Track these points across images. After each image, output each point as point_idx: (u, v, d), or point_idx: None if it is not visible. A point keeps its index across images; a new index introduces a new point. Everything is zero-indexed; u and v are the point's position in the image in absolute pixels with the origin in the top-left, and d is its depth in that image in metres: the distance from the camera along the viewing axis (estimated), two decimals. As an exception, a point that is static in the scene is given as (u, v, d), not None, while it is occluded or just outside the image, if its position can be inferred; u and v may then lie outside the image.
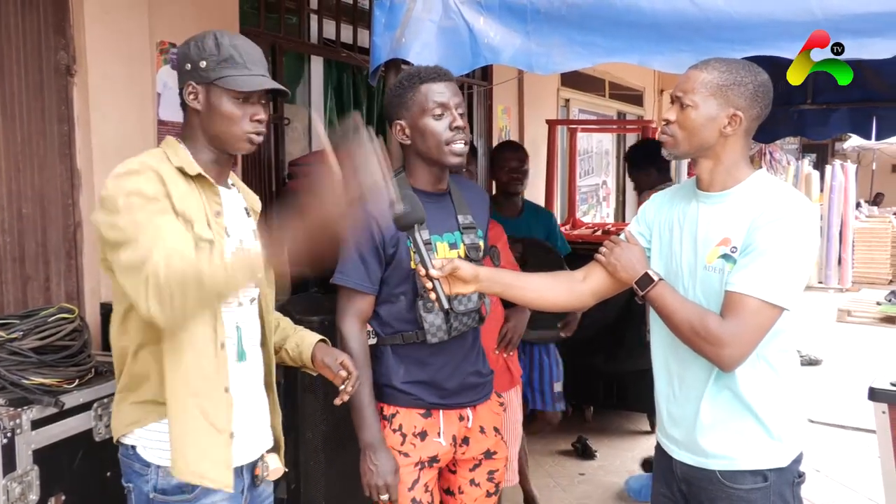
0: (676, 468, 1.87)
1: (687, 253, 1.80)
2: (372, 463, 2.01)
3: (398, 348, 2.08)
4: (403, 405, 2.08)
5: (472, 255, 2.09)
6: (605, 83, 8.25)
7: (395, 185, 1.55)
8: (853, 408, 4.67)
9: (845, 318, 8.68)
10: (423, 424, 2.09)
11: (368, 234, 1.98)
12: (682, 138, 1.75)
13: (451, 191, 2.15)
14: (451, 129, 1.98)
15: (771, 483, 1.75)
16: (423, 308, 2.02)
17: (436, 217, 2.04)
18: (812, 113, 4.76)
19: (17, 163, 2.69)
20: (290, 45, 4.20)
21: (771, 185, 1.75)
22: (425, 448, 2.09)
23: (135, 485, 1.67)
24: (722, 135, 1.72)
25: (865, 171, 15.90)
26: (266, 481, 1.83)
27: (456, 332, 2.07)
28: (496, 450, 2.23)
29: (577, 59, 2.04)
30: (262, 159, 3.93)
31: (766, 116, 1.76)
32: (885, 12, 1.73)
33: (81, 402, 2.13)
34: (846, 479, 4.20)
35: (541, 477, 4.07)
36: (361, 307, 2.03)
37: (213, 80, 1.64)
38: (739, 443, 1.76)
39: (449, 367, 2.10)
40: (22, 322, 2.13)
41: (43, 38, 2.75)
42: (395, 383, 2.08)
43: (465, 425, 2.17)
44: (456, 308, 2.03)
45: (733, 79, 1.70)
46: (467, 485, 2.22)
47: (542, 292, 1.97)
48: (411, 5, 2.16)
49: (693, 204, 1.81)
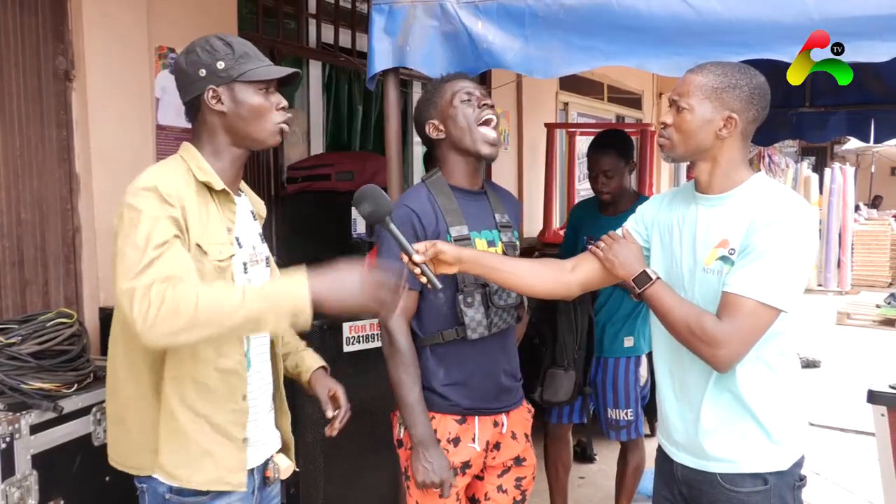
0: (677, 471, 1.88)
1: (686, 255, 1.80)
2: (426, 461, 2.00)
3: (437, 348, 2.09)
4: (440, 411, 2.09)
5: (510, 252, 2.13)
6: (604, 87, 8.26)
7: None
8: (853, 410, 4.66)
9: (845, 321, 8.68)
10: (457, 430, 2.09)
11: (411, 230, 2.01)
12: (678, 141, 1.76)
13: (487, 191, 2.19)
14: (480, 107, 2.04)
15: (771, 486, 1.75)
16: (463, 303, 2.04)
17: (474, 214, 2.09)
18: (810, 116, 4.76)
19: (15, 168, 2.69)
20: (289, 49, 4.20)
21: (770, 188, 1.76)
22: (458, 454, 2.09)
23: (148, 486, 1.66)
24: (718, 137, 1.73)
25: (864, 173, 15.92)
26: (275, 481, 1.85)
27: (496, 328, 2.09)
28: (525, 456, 2.23)
29: (575, 63, 2.04)
30: (261, 163, 3.93)
31: (763, 119, 1.76)
32: (883, 15, 1.73)
33: (80, 406, 2.13)
34: (846, 482, 4.19)
35: (541, 480, 4.06)
36: (406, 303, 2.03)
37: (236, 77, 1.65)
38: (740, 446, 1.76)
39: (487, 366, 2.12)
40: (20, 327, 2.12)
41: (41, 43, 2.75)
42: (435, 386, 2.08)
43: (500, 431, 2.17)
44: (496, 303, 2.06)
45: (728, 81, 1.71)
46: (494, 491, 2.21)
47: (526, 277, 1.95)
48: (412, 11, 2.15)
49: (692, 206, 1.82)
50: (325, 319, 2.88)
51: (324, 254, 3.46)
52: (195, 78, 1.66)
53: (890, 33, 1.73)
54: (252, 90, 1.67)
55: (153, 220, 1.51)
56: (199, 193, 1.64)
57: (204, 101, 1.67)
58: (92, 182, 2.85)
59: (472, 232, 2.08)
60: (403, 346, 2.03)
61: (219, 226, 1.66)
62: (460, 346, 2.08)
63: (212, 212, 1.66)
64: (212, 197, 1.67)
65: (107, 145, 2.89)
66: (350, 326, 2.89)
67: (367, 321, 2.97)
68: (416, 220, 2.03)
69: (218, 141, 1.70)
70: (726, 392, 1.76)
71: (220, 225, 1.66)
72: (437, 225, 2.05)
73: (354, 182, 3.62)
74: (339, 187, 3.65)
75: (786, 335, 1.76)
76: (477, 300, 2.04)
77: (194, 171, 1.65)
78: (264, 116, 1.69)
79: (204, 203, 1.64)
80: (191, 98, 1.69)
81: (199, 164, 1.67)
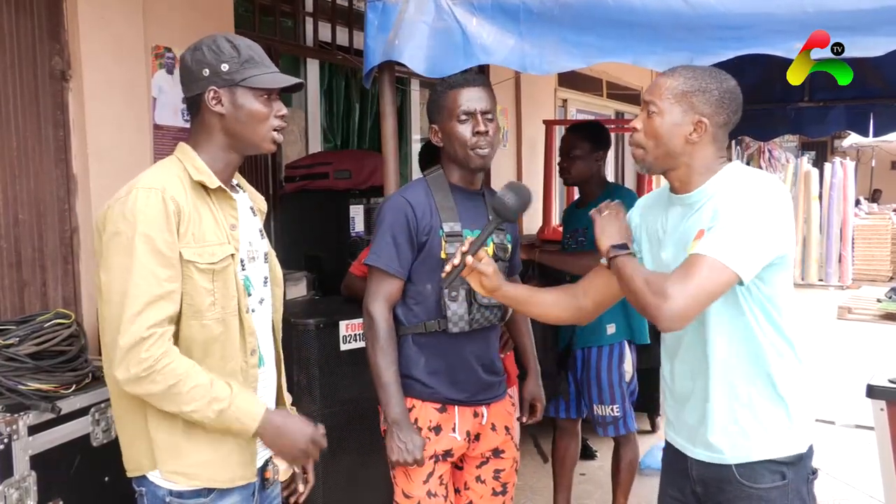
0: (692, 469, 1.84)
1: (671, 257, 1.79)
2: (399, 440, 2.05)
3: (419, 337, 2.14)
4: (420, 398, 2.13)
5: (500, 254, 2.18)
6: (603, 83, 8.24)
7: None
8: (854, 405, 4.66)
9: (846, 316, 8.67)
10: (438, 419, 2.13)
11: (404, 220, 2.08)
12: (650, 147, 1.75)
13: (485, 193, 2.24)
14: (475, 135, 2.09)
15: (789, 481, 1.74)
16: (447, 296, 2.08)
17: (469, 212, 2.15)
18: (809, 110, 4.76)
19: (12, 168, 2.69)
20: (286, 48, 4.20)
21: (738, 172, 1.74)
22: (440, 442, 2.13)
23: (148, 489, 1.66)
24: (688, 142, 1.71)
25: (865, 168, 15.89)
26: (275, 483, 1.86)
27: (477, 324, 2.14)
28: (504, 448, 2.26)
29: (570, 59, 2.04)
30: (259, 163, 3.93)
31: (735, 123, 1.75)
32: (877, 9, 1.73)
33: (78, 406, 2.13)
34: (847, 476, 4.19)
35: (541, 477, 4.07)
36: (390, 290, 2.10)
37: (239, 81, 1.66)
38: (755, 428, 1.74)
39: (466, 360, 2.16)
40: (18, 327, 2.13)
41: (37, 43, 2.75)
42: (415, 374, 2.13)
43: (480, 422, 2.21)
44: (479, 300, 2.10)
45: (698, 85, 1.70)
46: (473, 481, 2.25)
47: (548, 308, 2.03)
48: (404, 7, 2.16)
49: (671, 209, 1.82)
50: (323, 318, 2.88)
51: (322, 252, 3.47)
52: (198, 76, 1.67)
53: (885, 27, 1.73)
54: (253, 96, 1.67)
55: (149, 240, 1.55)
56: (196, 194, 1.65)
57: (204, 101, 1.67)
58: (89, 182, 2.84)
59: (464, 229, 2.11)
60: (383, 330, 2.08)
61: (215, 226, 1.66)
62: (441, 338, 2.13)
63: (207, 212, 1.66)
64: (208, 196, 1.67)
65: (104, 145, 2.88)
66: (346, 325, 2.89)
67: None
68: (411, 210, 2.09)
69: (214, 141, 1.70)
70: (732, 380, 1.74)
71: (216, 225, 1.66)
72: (431, 219, 2.10)
73: (352, 180, 3.62)
74: (337, 186, 3.65)
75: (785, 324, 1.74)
76: (461, 296, 2.09)
77: (189, 171, 1.66)
78: (262, 123, 1.69)
79: (201, 204, 1.65)
80: (192, 95, 1.70)
81: (195, 163, 1.68)
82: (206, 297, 1.61)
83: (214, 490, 1.65)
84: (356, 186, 3.57)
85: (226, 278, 1.65)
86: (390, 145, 2.38)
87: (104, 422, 2.17)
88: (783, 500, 1.74)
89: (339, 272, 3.28)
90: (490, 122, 2.11)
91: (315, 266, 3.47)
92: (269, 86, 1.68)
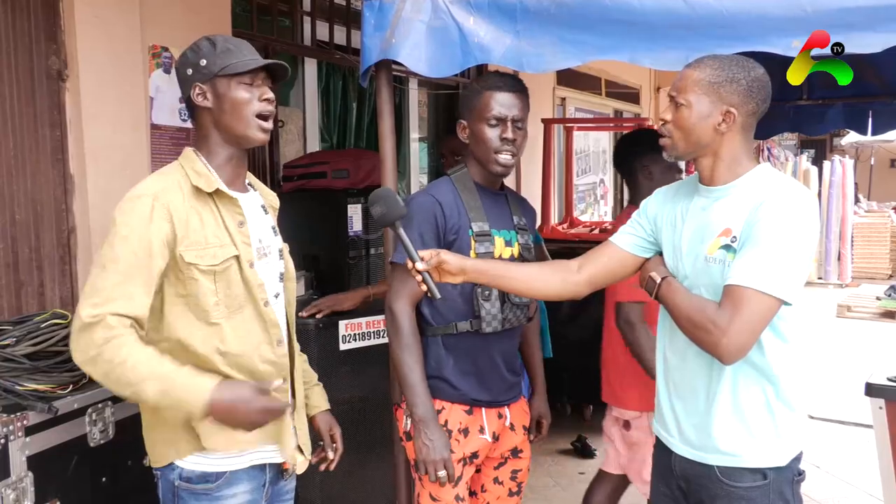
0: (675, 464, 1.87)
1: (689, 247, 1.79)
2: (427, 438, 2.03)
3: (448, 339, 2.13)
4: (450, 400, 2.12)
5: (525, 254, 2.19)
6: (602, 81, 8.24)
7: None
8: (853, 403, 4.66)
9: (845, 314, 8.68)
10: (466, 421, 2.13)
11: (432, 218, 2.07)
12: (678, 138, 1.76)
13: (507, 194, 2.25)
14: (501, 141, 2.10)
15: (770, 481, 1.74)
16: (481, 296, 2.08)
17: (494, 213, 2.16)
18: (808, 109, 4.74)
19: (9, 168, 2.68)
20: (283, 47, 4.19)
21: (772, 177, 1.74)
22: (468, 444, 2.13)
23: (162, 472, 1.72)
24: (717, 132, 1.72)
25: (864, 166, 15.88)
26: (291, 476, 1.88)
27: (509, 324, 2.14)
28: (522, 448, 2.28)
29: (567, 57, 2.03)
30: (257, 162, 3.92)
31: (764, 111, 1.75)
32: (874, 6, 1.72)
33: (76, 407, 2.12)
34: (845, 474, 4.19)
35: (540, 476, 4.06)
36: (415, 288, 2.03)
37: (216, 72, 1.69)
38: (745, 439, 1.75)
39: (494, 360, 2.16)
40: (15, 328, 2.13)
41: (34, 43, 2.74)
42: (445, 375, 2.12)
43: (503, 423, 2.21)
44: (512, 299, 2.12)
45: (725, 76, 1.70)
46: (491, 483, 2.25)
47: (532, 282, 1.94)
48: (401, 6, 2.15)
49: (695, 199, 1.81)
50: (322, 318, 2.88)
51: (320, 252, 3.46)
52: (184, 77, 1.72)
53: (882, 24, 1.72)
54: (233, 83, 1.70)
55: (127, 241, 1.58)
56: (196, 198, 1.67)
57: (192, 99, 1.71)
58: (86, 182, 2.84)
59: (492, 229, 2.12)
60: (406, 329, 2.06)
61: (216, 228, 1.68)
62: (472, 339, 2.12)
63: (209, 215, 1.68)
64: (210, 199, 1.69)
65: (101, 145, 2.88)
66: (346, 324, 2.89)
67: (363, 319, 2.97)
68: (440, 210, 2.08)
69: (210, 138, 1.74)
70: (727, 384, 1.74)
71: (218, 227, 1.68)
72: (460, 219, 2.10)
73: (350, 180, 3.60)
74: (335, 185, 3.64)
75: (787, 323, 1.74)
76: (494, 294, 2.09)
77: (189, 176, 1.68)
78: (246, 106, 1.71)
79: (202, 207, 1.67)
80: (185, 98, 1.73)
81: (195, 167, 1.71)
82: (210, 297, 1.66)
83: (223, 475, 1.69)
84: (354, 186, 3.55)
85: (228, 279, 1.68)
86: (388, 144, 2.37)
87: (101, 422, 2.16)
88: (764, 500, 1.74)
89: (336, 271, 3.28)
90: (519, 131, 2.12)
91: (313, 265, 3.46)
92: (243, 69, 1.70)
